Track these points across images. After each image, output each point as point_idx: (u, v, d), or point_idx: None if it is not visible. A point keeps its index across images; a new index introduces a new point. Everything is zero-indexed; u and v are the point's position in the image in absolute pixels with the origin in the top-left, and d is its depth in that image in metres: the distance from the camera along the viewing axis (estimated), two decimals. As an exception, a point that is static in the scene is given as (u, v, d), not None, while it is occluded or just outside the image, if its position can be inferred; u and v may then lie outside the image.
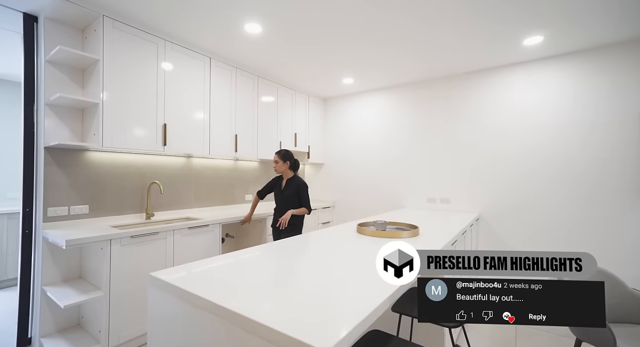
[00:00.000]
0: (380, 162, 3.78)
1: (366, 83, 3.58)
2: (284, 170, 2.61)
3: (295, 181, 2.60)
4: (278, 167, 2.59)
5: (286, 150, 2.66)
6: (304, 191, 2.58)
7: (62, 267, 2.09)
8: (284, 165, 2.59)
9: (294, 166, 2.66)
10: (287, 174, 2.64)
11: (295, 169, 2.67)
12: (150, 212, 2.49)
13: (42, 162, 2.01)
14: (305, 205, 2.58)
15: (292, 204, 2.54)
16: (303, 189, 2.58)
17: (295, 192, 2.55)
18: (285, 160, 2.59)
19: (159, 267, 2.13)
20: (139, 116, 2.23)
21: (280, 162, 2.59)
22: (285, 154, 2.61)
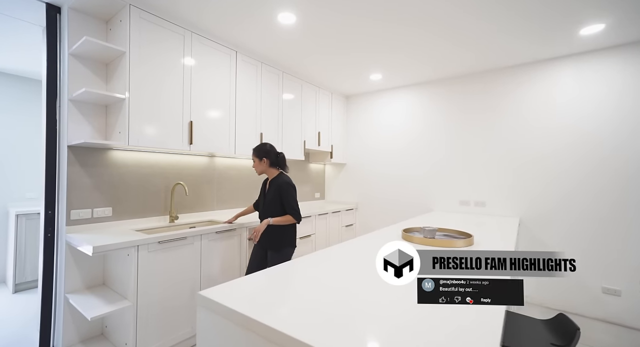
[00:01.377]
0: (407, 163, 3.60)
1: (395, 79, 3.39)
2: (263, 169, 2.10)
3: (278, 183, 2.03)
4: (256, 168, 2.11)
5: (262, 144, 2.14)
6: (287, 192, 1.99)
7: (86, 273, 1.97)
8: (261, 164, 2.07)
9: (277, 162, 2.10)
10: (270, 174, 2.12)
11: (280, 166, 2.12)
12: (174, 215, 2.36)
13: (65, 162, 1.89)
14: (290, 211, 1.98)
15: (274, 210, 2.00)
16: (285, 189, 1.99)
17: (276, 195, 2.02)
18: (261, 158, 2.06)
19: (188, 275, 2.00)
20: (165, 113, 2.10)
21: (256, 160, 2.09)
22: (260, 149, 2.09)
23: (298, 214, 2.02)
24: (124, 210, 2.16)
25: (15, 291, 2.94)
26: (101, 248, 1.59)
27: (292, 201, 2.00)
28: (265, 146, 2.12)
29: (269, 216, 2.02)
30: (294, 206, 2.01)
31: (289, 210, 2.00)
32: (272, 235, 2.01)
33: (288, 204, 2.00)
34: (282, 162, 2.14)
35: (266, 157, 2.08)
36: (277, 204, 2.02)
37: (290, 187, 2.04)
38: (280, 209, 2.02)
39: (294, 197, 2.03)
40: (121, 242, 1.66)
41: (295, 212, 2.01)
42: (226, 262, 2.28)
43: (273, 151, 2.12)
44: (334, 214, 3.55)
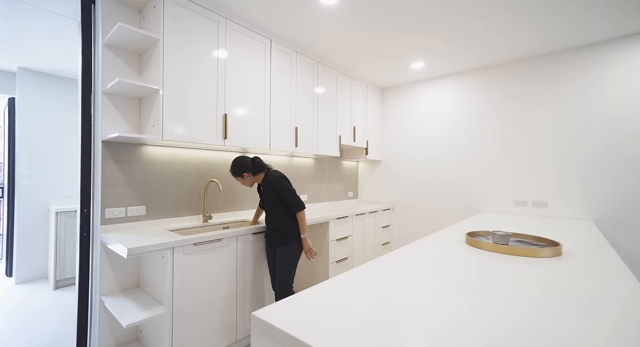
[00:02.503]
0: (451, 159, 3.28)
1: (440, 67, 3.09)
2: (252, 181, 1.99)
3: (268, 180, 1.95)
4: (243, 184, 2.01)
5: (234, 160, 1.97)
6: (280, 185, 1.89)
7: (120, 274, 1.88)
8: (246, 179, 1.97)
9: (258, 167, 1.97)
10: (259, 179, 2.01)
11: (261, 169, 1.98)
12: (208, 215, 2.24)
13: (100, 158, 1.81)
14: (291, 205, 1.89)
15: (277, 209, 1.93)
16: (277, 184, 1.90)
17: (272, 194, 1.93)
18: (241, 174, 1.94)
19: (223, 279, 1.86)
20: (199, 105, 1.97)
21: (240, 180, 1.99)
22: (235, 167, 1.95)
23: (300, 203, 1.92)
24: (157, 209, 2.06)
25: (55, 287, 2.98)
26: (136, 250, 1.47)
27: (288, 193, 1.91)
28: (238, 161, 1.96)
29: (276, 216, 1.94)
30: (291, 198, 1.91)
31: (290, 204, 1.91)
32: (276, 232, 1.95)
33: (286, 198, 1.90)
34: (262, 165, 1.99)
35: (246, 171, 1.96)
36: (278, 202, 1.93)
37: (281, 179, 1.94)
38: (279, 206, 1.93)
39: (288, 187, 1.93)
40: (156, 243, 1.54)
41: (296, 204, 1.91)
42: (263, 266, 2.12)
43: (247, 161, 1.97)
44: (370, 214, 3.31)
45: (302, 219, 1.93)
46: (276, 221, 1.93)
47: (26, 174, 3.15)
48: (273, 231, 1.96)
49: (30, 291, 2.95)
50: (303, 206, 1.93)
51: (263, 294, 2.12)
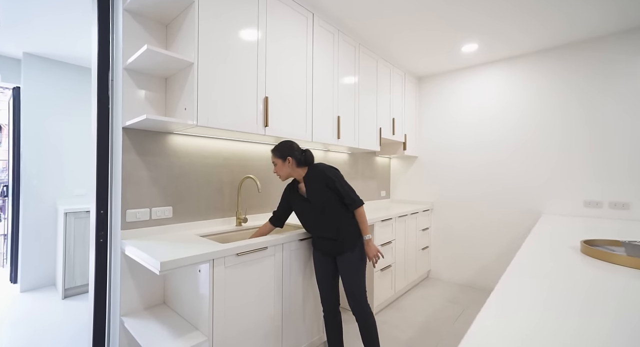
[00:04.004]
0: (502, 155, 2.92)
1: (496, 49, 2.71)
2: (289, 172, 1.62)
3: (317, 173, 1.59)
4: (279, 171, 1.63)
5: (283, 141, 1.65)
6: (337, 176, 1.57)
7: (144, 289, 1.56)
8: (285, 166, 1.60)
9: (305, 159, 1.62)
10: (299, 174, 1.63)
11: (307, 164, 1.64)
12: (243, 217, 1.91)
13: (120, 148, 1.48)
14: (351, 199, 1.56)
15: (333, 210, 1.56)
16: (333, 175, 1.56)
17: (325, 188, 1.56)
18: (285, 157, 1.60)
19: (269, 295, 1.53)
20: (237, 85, 1.64)
21: (278, 162, 1.62)
22: (282, 147, 1.62)
23: (359, 199, 1.60)
24: (186, 210, 1.74)
25: (64, 296, 2.67)
26: (171, 264, 1.14)
27: (346, 186, 1.59)
28: (288, 143, 1.64)
29: (332, 219, 1.58)
30: (349, 191, 1.58)
31: (349, 198, 1.57)
32: (333, 239, 1.59)
33: (344, 191, 1.56)
34: (311, 160, 1.65)
35: (291, 156, 1.61)
36: (333, 201, 1.57)
37: (333, 169, 1.62)
38: (334, 205, 1.57)
39: (344, 180, 1.61)
40: (194, 255, 1.21)
41: (356, 198, 1.59)
42: (309, 278, 1.78)
43: (297, 148, 1.64)
44: (412, 215, 2.97)
45: (363, 217, 1.59)
46: (333, 226, 1.58)
47: (32, 171, 2.85)
48: (329, 239, 1.61)
49: (36, 300, 2.65)
50: (361, 201, 1.59)
51: (312, 311, 1.78)
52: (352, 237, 1.58)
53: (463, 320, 2.35)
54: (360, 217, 1.59)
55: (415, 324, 2.27)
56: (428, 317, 2.38)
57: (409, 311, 2.48)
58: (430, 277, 3.36)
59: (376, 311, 2.39)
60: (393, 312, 2.46)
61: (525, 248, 1.39)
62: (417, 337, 2.10)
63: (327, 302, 1.69)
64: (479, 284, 3.02)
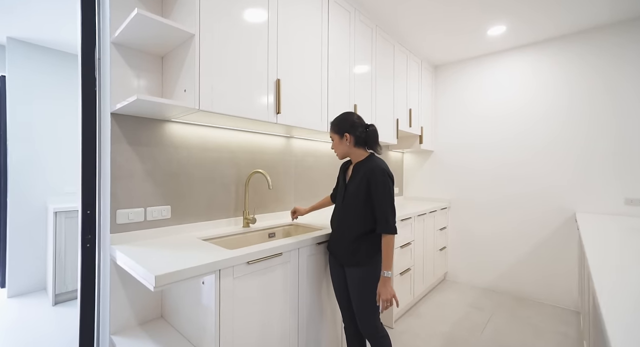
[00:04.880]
0: (528, 150, 2.69)
1: (527, 31, 2.45)
2: (346, 151, 1.38)
3: (369, 167, 1.30)
4: (336, 148, 1.40)
5: (345, 113, 1.39)
6: (382, 184, 1.26)
7: (138, 301, 1.34)
8: (342, 144, 1.37)
9: (366, 139, 1.36)
10: (355, 156, 1.39)
11: (369, 144, 1.38)
12: (250, 217, 1.69)
13: (109, 137, 1.26)
14: (381, 218, 1.25)
15: (356, 210, 1.31)
16: (378, 180, 1.26)
17: (363, 187, 1.29)
18: (342, 133, 1.36)
19: (286, 310, 1.31)
20: (244, 65, 1.41)
21: (335, 138, 1.39)
22: (342, 121, 1.37)
23: (393, 224, 1.25)
24: (186, 210, 1.52)
25: (55, 302, 2.46)
26: (168, 278, 0.92)
27: (387, 199, 1.26)
28: (350, 117, 1.38)
29: (349, 217, 1.34)
30: (386, 207, 1.25)
31: (380, 216, 1.26)
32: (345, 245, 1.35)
33: (380, 204, 1.25)
34: (373, 140, 1.37)
35: (349, 133, 1.35)
36: (361, 202, 1.30)
37: (387, 177, 1.28)
38: (363, 210, 1.30)
39: (391, 195, 1.28)
40: (197, 265, 0.99)
41: (389, 221, 1.25)
42: (330, 288, 1.57)
43: (360, 123, 1.37)
44: (430, 214, 2.75)
45: (389, 247, 1.25)
46: (349, 227, 1.34)
47: (19, 167, 2.63)
48: (342, 243, 1.37)
49: (25, 306, 2.44)
50: (395, 229, 1.26)
51: (332, 324, 1.57)
52: (367, 253, 1.31)
53: (491, 329, 2.14)
54: (385, 246, 1.26)
55: (438, 334, 2.06)
56: (452, 326, 2.17)
57: (429, 319, 2.27)
58: (447, 279, 3.15)
59: (395, 319, 2.18)
60: (413, 320, 2.25)
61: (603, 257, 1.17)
62: (444, 350, 1.89)
63: (346, 314, 1.47)
64: (502, 287, 2.81)
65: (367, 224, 1.31)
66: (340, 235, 1.38)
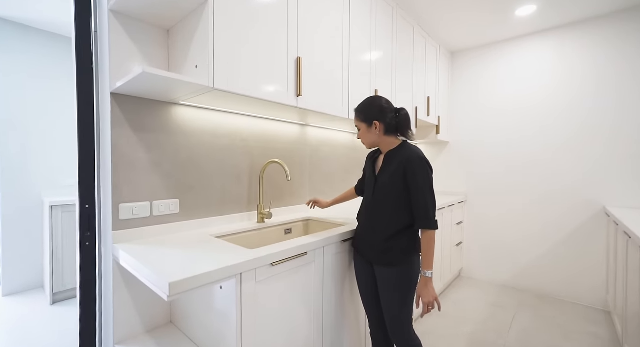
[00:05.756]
0: (553, 141, 2.54)
1: (559, 11, 2.27)
2: (375, 140, 1.23)
3: (404, 156, 1.15)
4: (363, 138, 1.25)
5: (372, 98, 1.24)
6: (423, 173, 1.12)
7: (145, 305, 1.20)
8: (371, 133, 1.21)
9: (397, 125, 1.21)
10: (386, 145, 1.23)
11: (401, 131, 1.23)
12: (266, 212, 1.54)
13: (109, 121, 1.10)
14: (421, 213, 1.12)
15: (389, 204, 1.17)
16: (418, 169, 1.12)
17: (399, 177, 1.14)
18: (371, 121, 1.20)
19: (311, 313, 1.17)
20: (263, 39, 1.24)
21: (363, 127, 1.23)
22: (368, 105, 1.22)
23: (434, 221, 1.12)
24: (196, 204, 1.36)
25: (53, 301, 2.32)
26: (185, 285, 0.77)
27: (427, 193, 1.12)
28: (377, 101, 1.22)
29: (383, 216, 1.19)
30: (427, 200, 1.11)
31: (419, 210, 1.12)
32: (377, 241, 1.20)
33: (419, 198, 1.11)
34: (405, 125, 1.21)
35: (379, 120, 1.20)
36: (395, 195, 1.15)
37: (427, 165, 1.14)
38: (397, 204, 1.15)
39: (431, 186, 1.14)
40: (217, 269, 0.84)
41: (430, 215, 1.11)
42: (355, 289, 1.43)
43: (390, 108, 1.22)
44: (448, 208, 2.61)
45: (430, 244, 1.13)
46: (381, 224, 1.19)
47: (11, 156, 2.46)
48: (372, 240, 1.23)
49: (21, 305, 2.30)
50: (437, 224, 1.13)
51: (356, 328, 1.44)
52: (401, 252, 1.17)
53: (518, 329, 2.02)
54: (427, 244, 1.13)
55: (463, 335, 1.94)
56: (476, 326, 2.05)
57: (451, 318, 2.15)
58: (462, 276, 3.04)
59: (415, 318, 2.06)
60: (434, 320, 2.13)
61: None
62: (471, 354, 1.77)
63: (374, 318, 1.34)
64: (522, 285, 2.69)
65: (402, 220, 1.16)
66: (370, 232, 1.24)
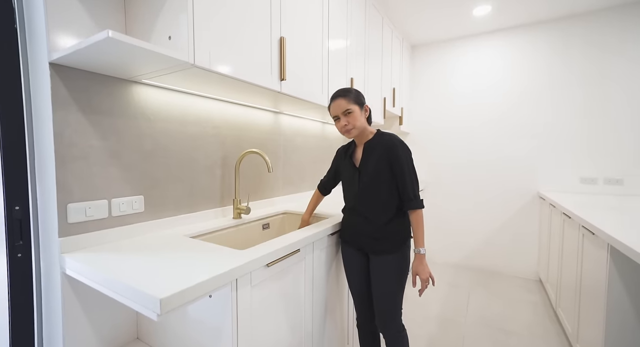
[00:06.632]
0: (496, 130, 2.82)
1: (506, 15, 2.47)
2: (364, 125, 1.20)
3: (385, 143, 1.17)
4: (354, 121, 1.16)
5: (350, 88, 1.23)
6: (407, 157, 1.16)
7: (103, 324, 1.00)
8: (362, 115, 1.19)
9: (369, 116, 1.25)
10: (366, 133, 1.23)
11: (369, 122, 1.26)
12: (244, 207, 1.40)
13: (49, 100, 0.86)
14: (409, 195, 1.14)
15: (379, 193, 1.17)
16: (405, 155, 1.15)
17: (385, 165, 1.15)
18: (362, 104, 1.20)
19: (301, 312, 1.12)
20: (245, 12, 1.09)
21: (355, 110, 1.16)
22: (354, 90, 1.21)
23: (420, 200, 1.15)
24: (163, 200, 1.18)
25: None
26: (179, 298, 0.64)
27: (412, 175, 1.16)
28: (357, 90, 1.23)
29: (375, 205, 1.18)
30: (413, 183, 1.15)
31: (407, 193, 1.14)
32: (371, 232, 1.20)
33: (406, 180, 1.14)
34: (371, 120, 1.27)
35: (366, 104, 1.23)
36: (384, 183, 1.16)
37: (407, 148, 1.18)
38: (388, 192, 1.17)
39: (414, 167, 1.18)
40: (210, 278, 0.72)
41: (417, 196, 1.15)
42: (340, 281, 1.40)
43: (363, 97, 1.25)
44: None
45: (420, 223, 1.16)
46: (375, 213, 1.18)
47: None
48: (367, 231, 1.21)
49: None
50: (423, 203, 1.16)
51: (339, 322, 1.41)
52: (397, 238, 1.19)
53: (474, 306, 2.23)
54: (417, 223, 1.16)
55: (432, 317, 2.07)
56: (441, 307, 2.21)
57: (418, 301, 2.28)
58: (420, 259, 3.24)
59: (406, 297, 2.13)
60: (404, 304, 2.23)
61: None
62: (438, 333, 1.90)
63: (363, 309, 1.33)
64: (472, 264, 2.98)
65: (393, 206, 1.18)
66: (364, 223, 1.21)
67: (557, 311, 2.00)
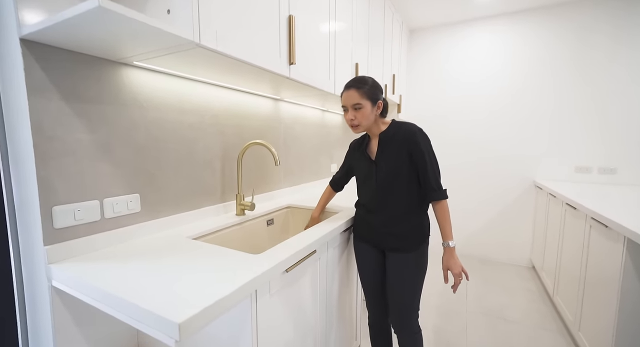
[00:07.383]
0: (495, 121, 2.80)
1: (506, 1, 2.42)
2: (372, 121, 1.12)
3: (403, 133, 1.09)
4: (362, 118, 1.08)
5: (365, 77, 1.11)
6: (429, 150, 1.09)
7: (99, 334, 0.90)
8: (373, 112, 1.10)
9: (384, 108, 1.16)
10: (379, 126, 1.15)
11: (384, 114, 1.18)
12: (248, 203, 1.30)
13: (23, 83, 0.72)
14: (432, 185, 1.08)
15: (400, 187, 1.10)
16: (425, 144, 1.08)
17: (405, 157, 1.08)
18: (375, 100, 1.09)
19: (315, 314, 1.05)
20: (251, -13, 0.96)
21: (367, 105, 1.07)
22: (371, 83, 1.09)
23: (443, 191, 1.10)
24: (161, 198, 1.06)
25: None
26: (199, 321, 0.55)
27: (434, 164, 1.10)
28: (375, 80, 1.12)
29: (395, 201, 1.12)
30: (435, 173, 1.09)
31: (429, 183, 1.08)
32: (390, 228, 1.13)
33: (428, 171, 1.07)
34: (386, 111, 1.18)
35: (381, 100, 1.13)
36: (404, 176, 1.09)
37: (427, 136, 1.11)
38: (408, 185, 1.10)
39: (435, 156, 1.11)
40: (231, 293, 0.63)
41: (440, 189, 1.09)
42: (351, 278, 1.34)
43: (380, 88, 1.14)
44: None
45: (446, 214, 1.10)
46: (397, 208, 1.11)
47: None
48: (387, 227, 1.14)
49: None
50: (446, 193, 1.10)
51: (348, 321, 1.37)
52: (417, 234, 1.13)
53: (473, 295, 2.25)
54: (443, 215, 1.10)
55: (433, 308, 2.08)
56: (440, 297, 2.22)
57: (417, 291, 2.28)
58: (415, 248, 3.26)
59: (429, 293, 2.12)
60: (403, 294, 2.23)
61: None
62: (443, 324, 1.90)
63: (377, 308, 1.28)
64: (467, 252, 3.02)
65: (414, 201, 1.12)
66: (382, 219, 1.15)
67: (553, 299, 2.04)
